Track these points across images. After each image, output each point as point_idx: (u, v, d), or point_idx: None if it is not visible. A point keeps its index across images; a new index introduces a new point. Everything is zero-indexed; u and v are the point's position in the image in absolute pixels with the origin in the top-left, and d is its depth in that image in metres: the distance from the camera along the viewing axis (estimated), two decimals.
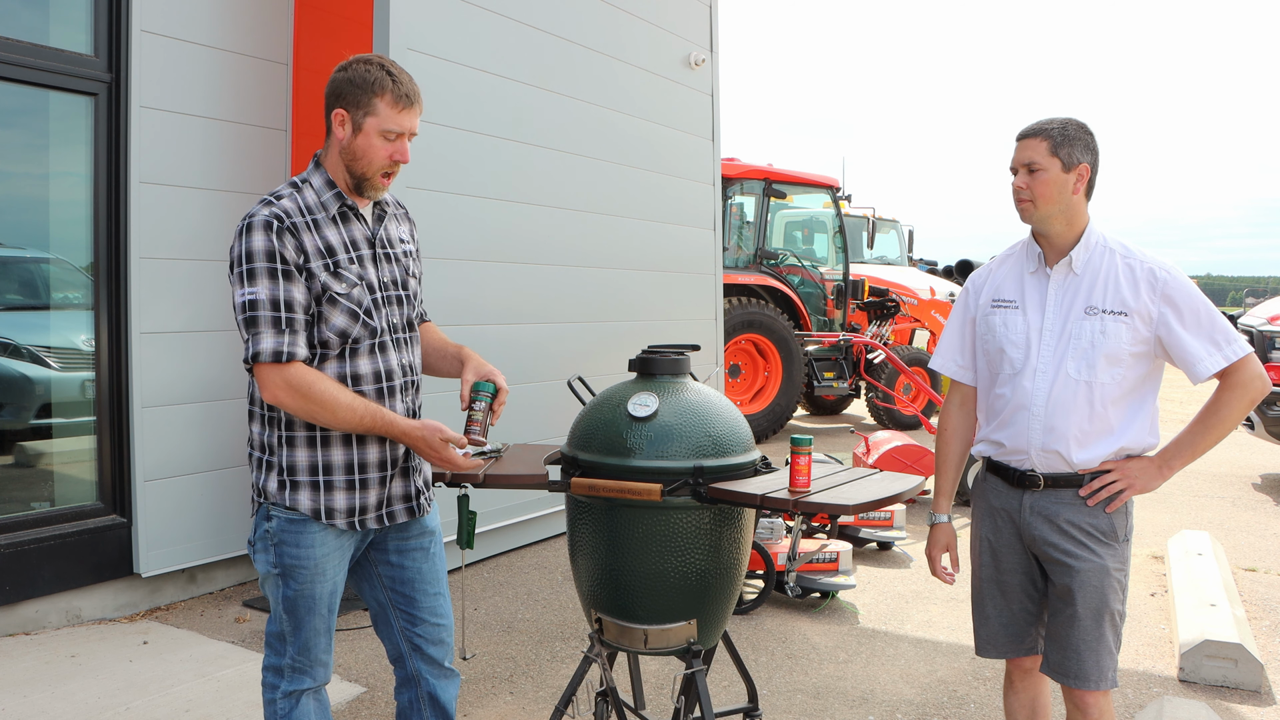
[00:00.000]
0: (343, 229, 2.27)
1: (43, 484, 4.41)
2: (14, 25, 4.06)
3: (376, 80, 2.20)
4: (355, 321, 2.24)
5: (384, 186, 2.30)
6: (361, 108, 2.21)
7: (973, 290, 2.64)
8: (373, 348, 2.29)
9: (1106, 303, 2.38)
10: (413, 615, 2.48)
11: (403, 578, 2.46)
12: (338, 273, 2.22)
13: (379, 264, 2.33)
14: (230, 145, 4.66)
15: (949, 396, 2.72)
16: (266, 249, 2.14)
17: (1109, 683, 2.41)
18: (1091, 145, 2.42)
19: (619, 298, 6.31)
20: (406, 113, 2.24)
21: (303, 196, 2.24)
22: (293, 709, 2.35)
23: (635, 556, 2.52)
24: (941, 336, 2.73)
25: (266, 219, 2.15)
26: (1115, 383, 2.38)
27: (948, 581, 2.68)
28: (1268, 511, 7.11)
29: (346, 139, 2.24)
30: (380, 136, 2.22)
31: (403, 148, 2.26)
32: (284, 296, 2.14)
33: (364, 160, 2.24)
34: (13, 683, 3.52)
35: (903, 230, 14.06)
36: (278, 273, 2.14)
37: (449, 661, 2.54)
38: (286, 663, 2.34)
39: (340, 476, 2.27)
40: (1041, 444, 2.42)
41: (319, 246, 2.21)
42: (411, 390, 2.40)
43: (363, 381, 2.27)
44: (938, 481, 2.71)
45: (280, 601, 2.31)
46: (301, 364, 2.17)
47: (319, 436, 2.25)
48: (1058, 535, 2.43)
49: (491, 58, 5.21)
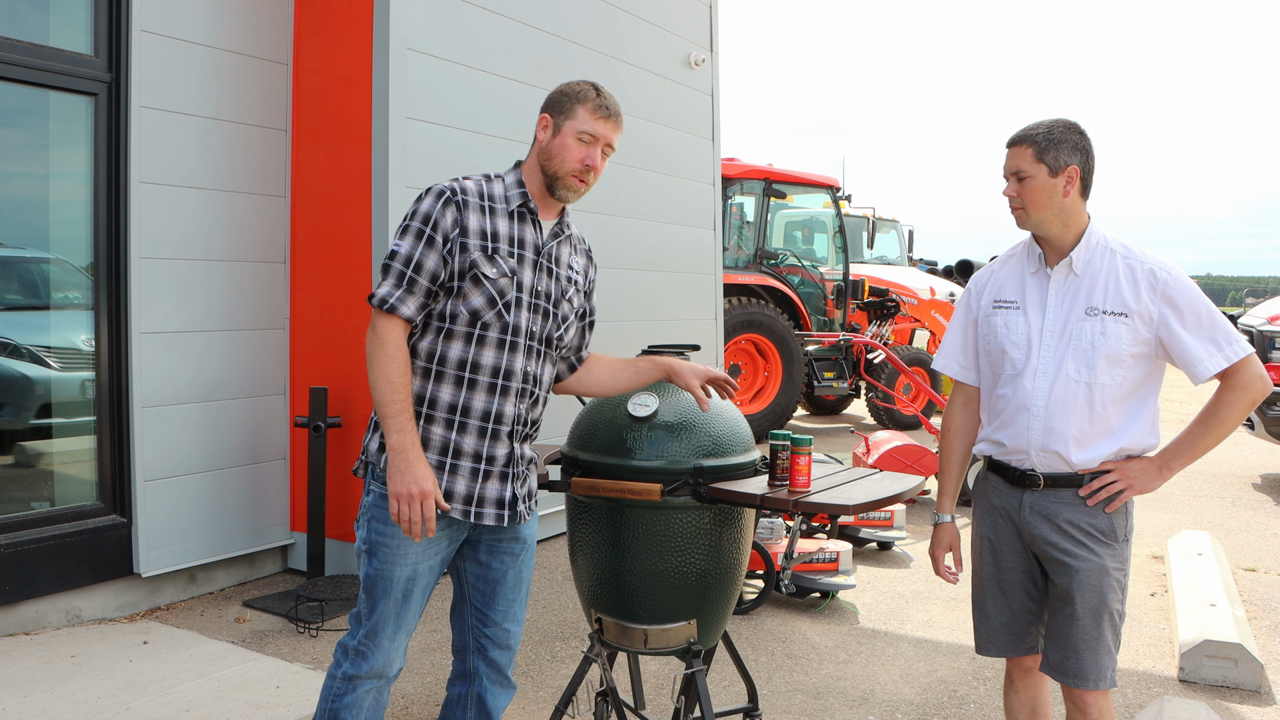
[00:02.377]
0: (515, 225, 2.36)
1: (43, 484, 4.41)
2: (14, 25, 4.06)
3: (581, 91, 2.37)
4: (491, 308, 2.30)
5: (575, 188, 2.37)
6: (564, 113, 2.36)
7: (975, 291, 2.65)
8: (501, 342, 2.32)
9: (1107, 304, 2.38)
10: (486, 616, 2.49)
11: (486, 577, 2.47)
12: (492, 257, 2.30)
13: (538, 271, 2.38)
14: (230, 145, 4.66)
15: (952, 397, 2.73)
16: (426, 213, 2.27)
17: (1108, 682, 2.41)
18: (1080, 145, 2.40)
19: (619, 298, 6.30)
20: (603, 122, 2.35)
21: (490, 186, 2.37)
22: (346, 692, 2.36)
23: (635, 556, 2.52)
24: (944, 337, 2.74)
25: (442, 189, 2.30)
26: (1115, 384, 2.38)
27: (951, 581, 2.69)
28: (1268, 511, 7.11)
29: (546, 140, 2.38)
30: (575, 138, 2.34)
31: (594, 154, 2.36)
32: (418, 258, 2.26)
33: (557, 159, 2.35)
34: (13, 683, 3.52)
35: (903, 230, 14.06)
36: (424, 235, 2.26)
37: (510, 670, 2.54)
38: (354, 644, 2.36)
39: (433, 455, 2.30)
40: (1041, 444, 2.42)
41: (484, 229, 2.31)
42: (527, 399, 2.39)
43: (481, 371, 2.31)
44: (941, 481, 2.71)
45: (363, 580, 2.35)
46: (400, 321, 2.26)
47: (424, 413, 2.30)
48: (1057, 535, 2.43)
49: (491, 58, 5.21)
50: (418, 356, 2.31)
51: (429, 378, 2.30)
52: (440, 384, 2.30)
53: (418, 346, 2.31)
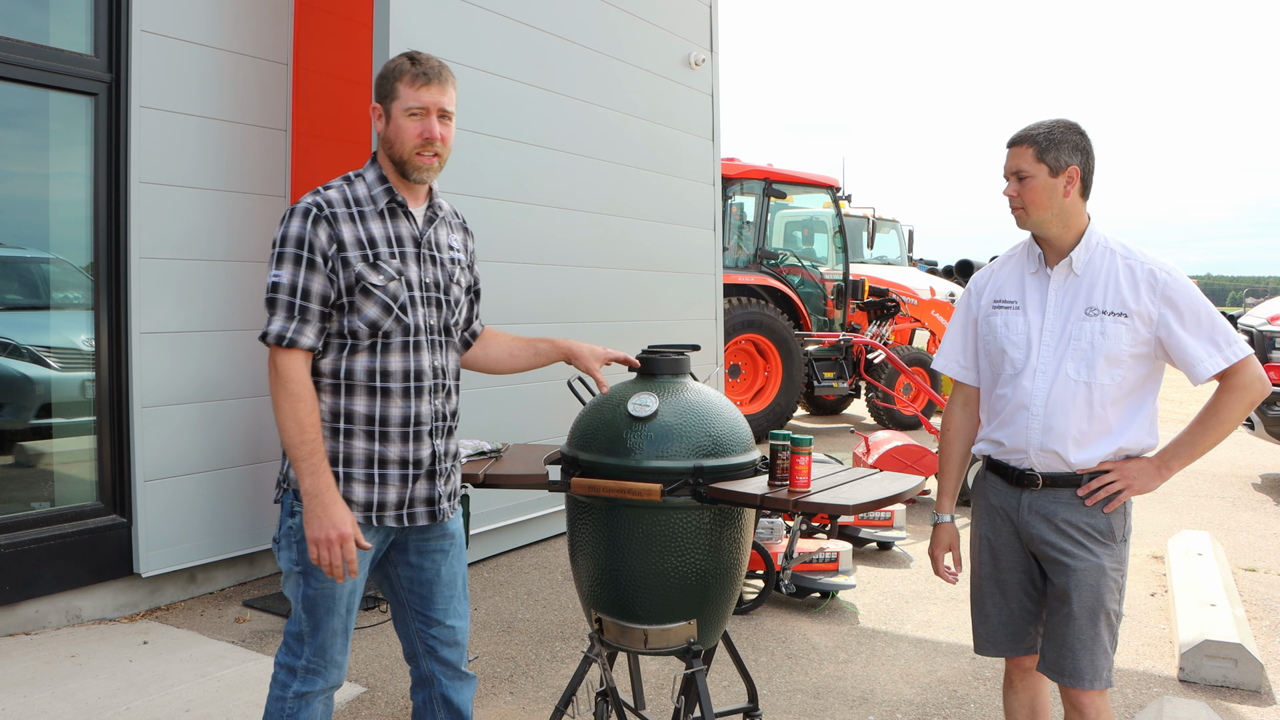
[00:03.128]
0: (389, 224, 2.31)
1: (43, 484, 4.41)
2: (14, 25, 4.06)
3: (397, 67, 2.30)
4: (388, 315, 2.26)
5: (426, 166, 2.33)
6: (388, 96, 2.30)
7: (974, 291, 2.65)
8: (405, 345, 2.30)
9: (1107, 304, 2.38)
10: (428, 617, 2.48)
11: (420, 579, 2.46)
12: (376, 264, 2.25)
13: (422, 264, 2.35)
14: (230, 145, 4.66)
15: (952, 397, 2.73)
16: (298, 236, 2.19)
17: (1103, 682, 2.41)
18: (1081, 145, 2.40)
19: (619, 298, 6.31)
20: (426, 89, 2.29)
21: (352, 189, 2.30)
22: (301, 710, 2.35)
23: (635, 556, 2.52)
24: (944, 337, 2.75)
25: (307, 207, 2.22)
26: (1114, 384, 2.38)
27: (950, 581, 2.69)
28: (1268, 511, 7.11)
29: (383, 130, 2.32)
30: (406, 116, 2.28)
31: (430, 125, 2.30)
32: (303, 284, 2.19)
33: (397, 143, 2.30)
34: (13, 683, 3.52)
35: (903, 230, 14.06)
36: (302, 260, 2.19)
37: (464, 665, 2.53)
38: (301, 664, 2.33)
39: (359, 470, 2.28)
40: (1040, 444, 2.43)
41: (359, 237, 2.25)
42: (441, 393, 2.39)
43: (392, 378, 2.28)
44: (940, 481, 2.72)
45: (300, 600, 2.31)
46: (301, 353, 2.20)
47: (341, 429, 2.27)
48: (1055, 534, 2.43)
49: (491, 58, 5.21)
50: (324, 375, 2.26)
51: (340, 393, 2.26)
52: (353, 397, 2.26)
53: (321, 365, 2.26)
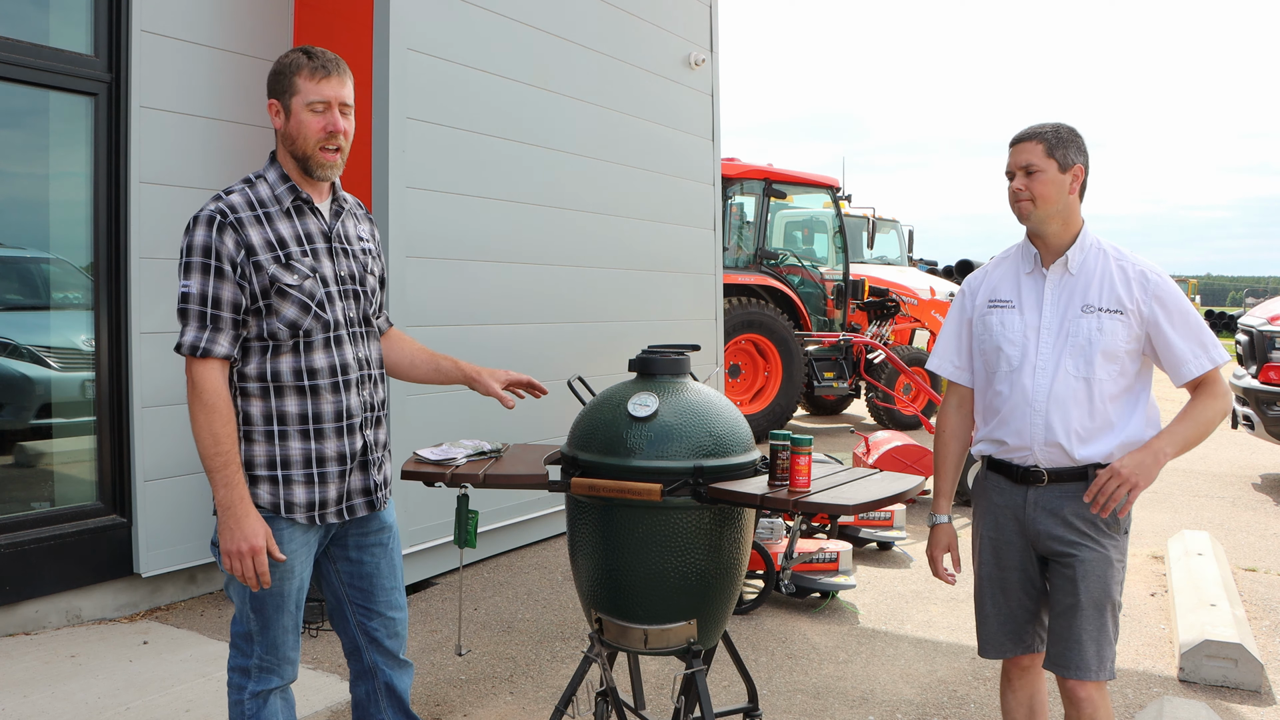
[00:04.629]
0: (296, 222, 2.29)
1: (43, 484, 4.41)
2: (14, 25, 4.06)
3: (293, 62, 2.27)
4: (306, 314, 2.26)
5: (330, 163, 2.30)
6: (286, 91, 2.27)
7: (969, 292, 2.69)
8: (327, 341, 2.30)
9: (1103, 301, 2.44)
10: (369, 609, 2.51)
11: (360, 573, 2.49)
12: (289, 265, 2.24)
13: (335, 258, 2.34)
14: (230, 145, 4.66)
15: (946, 398, 2.75)
16: (204, 245, 2.17)
17: (1108, 673, 2.45)
18: (1083, 148, 2.49)
19: (619, 298, 6.31)
20: (325, 82, 2.26)
21: (255, 191, 2.27)
22: (260, 709, 2.36)
23: (635, 556, 2.52)
24: (938, 338, 2.77)
25: (210, 214, 2.19)
26: (1112, 379, 2.43)
27: (949, 582, 2.70)
28: (1268, 511, 7.10)
29: (282, 126, 2.28)
30: (308, 111, 2.25)
31: (333, 119, 2.27)
32: (213, 293, 2.18)
33: (300, 139, 2.27)
34: (13, 683, 3.52)
35: (903, 230, 14.06)
36: (210, 269, 2.17)
37: (404, 653, 2.59)
38: (254, 663, 2.35)
39: (298, 471, 2.28)
40: (1044, 439, 2.46)
41: (268, 239, 2.23)
42: (369, 384, 2.41)
43: (319, 375, 2.29)
44: (937, 482, 2.73)
45: (247, 601, 2.31)
46: (217, 362, 2.19)
47: (276, 431, 2.27)
48: (1062, 528, 2.46)
49: (491, 58, 5.21)
50: (250, 379, 2.25)
51: (269, 395, 2.26)
52: (283, 399, 2.26)
53: (247, 370, 2.25)
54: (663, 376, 2.65)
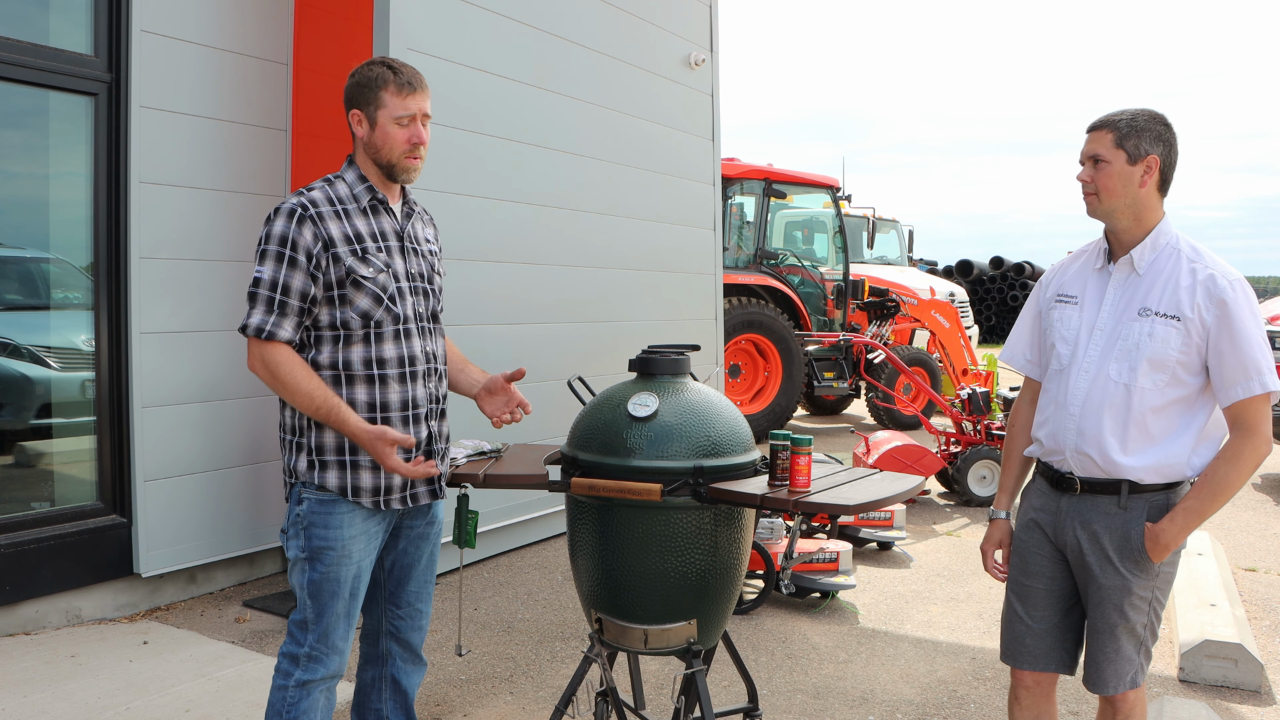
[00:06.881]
0: (373, 220, 2.42)
1: (43, 484, 4.41)
2: (14, 25, 4.06)
3: (379, 76, 2.39)
4: (379, 305, 2.37)
5: (414, 167, 2.45)
6: (372, 104, 2.39)
7: (1044, 284, 2.60)
8: (397, 333, 2.41)
9: (1161, 305, 2.29)
10: (398, 598, 2.59)
11: (403, 562, 2.57)
12: (365, 258, 2.36)
13: (406, 256, 2.47)
14: (230, 145, 4.66)
15: (1021, 393, 2.68)
16: (282, 235, 2.29)
17: (1127, 685, 2.40)
18: (1164, 137, 2.31)
19: (619, 298, 6.31)
20: (412, 97, 2.40)
21: (334, 189, 2.41)
22: (301, 699, 2.38)
23: (635, 556, 2.52)
24: (1013, 329, 2.70)
25: (292, 207, 2.32)
26: (1157, 389, 2.28)
27: (999, 578, 2.63)
28: (1268, 511, 7.11)
29: (366, 135, 2.42)
30: (395, 124, 2.39)
31: (417, 130, 2.42)
32: (284, 280, 2.29)
33: (385, 149, 2.40)
34: (13, 683, 3.52)
35: (903, 230, 14.06)
36: (284, 257, 2.29)
37: (421, 649, 2.64)
38: (304, 651, 2.39)
39: (366, 456, 2.37)
40: (1075, 445, 2.37)
41: (346, 233, 2.35)
42: (434, 377, 2.51)
43: (387, 365, 2.38)
44: (1001, 477, 2.68)
45: (305, 586, 2.38)
46: (283, 345, 2.30)
47: None
48: (1089, 543, 2.38)
49: (491, 58, 5.21)
50: (323, 368, 2.35)
51: (339, 384, 2.36)
52: (353, 387, 2.36)
53: (319, 360, 2.35)
54: (663, 376, 2.65)
